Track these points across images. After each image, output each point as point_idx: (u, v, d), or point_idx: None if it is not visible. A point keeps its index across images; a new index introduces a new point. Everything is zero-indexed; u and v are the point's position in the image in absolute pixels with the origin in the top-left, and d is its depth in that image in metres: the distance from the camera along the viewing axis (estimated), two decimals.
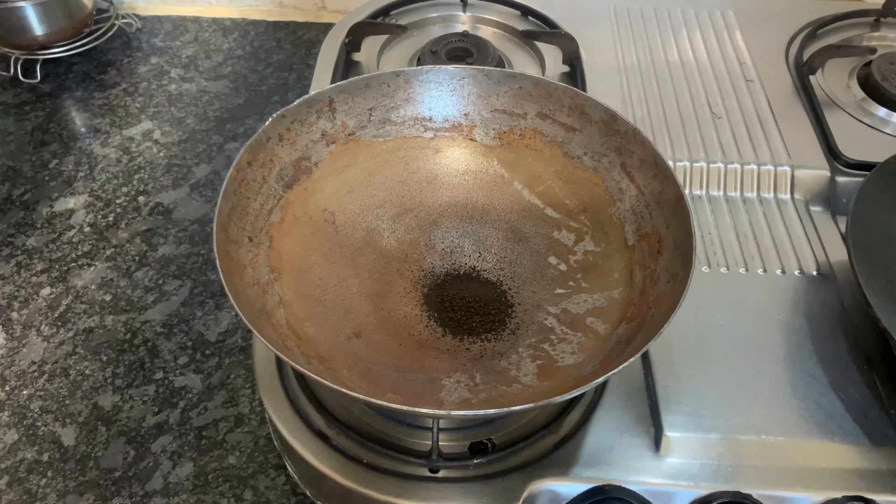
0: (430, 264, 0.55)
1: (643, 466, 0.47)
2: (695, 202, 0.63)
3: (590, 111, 0.55)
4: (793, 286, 0.56)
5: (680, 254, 0.47)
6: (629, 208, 0.53)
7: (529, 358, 0.49)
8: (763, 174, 0.64)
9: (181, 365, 0.65)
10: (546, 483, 0.46)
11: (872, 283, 0.48)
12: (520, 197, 0.58)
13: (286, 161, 0.53)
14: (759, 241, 0.60)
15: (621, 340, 0.47)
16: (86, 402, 0.63)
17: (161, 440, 0.60)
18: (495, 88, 0.57)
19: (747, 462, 0.47)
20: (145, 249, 0.74)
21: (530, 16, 0.81)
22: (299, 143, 0.54)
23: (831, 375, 0.51)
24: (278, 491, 0.57)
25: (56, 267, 0.72)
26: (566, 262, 0.54)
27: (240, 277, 0.46)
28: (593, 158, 0.55)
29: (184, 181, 0.81)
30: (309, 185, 0.54)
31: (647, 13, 0.81)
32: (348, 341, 0.49)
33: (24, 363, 0.65)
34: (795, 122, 0.69)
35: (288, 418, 0.50)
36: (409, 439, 0.49)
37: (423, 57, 0.74)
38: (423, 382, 0.48)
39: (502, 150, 0.58)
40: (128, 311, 0.69)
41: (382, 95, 0.56)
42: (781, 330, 0.54)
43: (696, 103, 0.70)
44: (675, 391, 0.50)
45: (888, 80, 0.71)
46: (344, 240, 0.55)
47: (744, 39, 0.78)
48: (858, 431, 0.48)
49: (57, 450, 0.60)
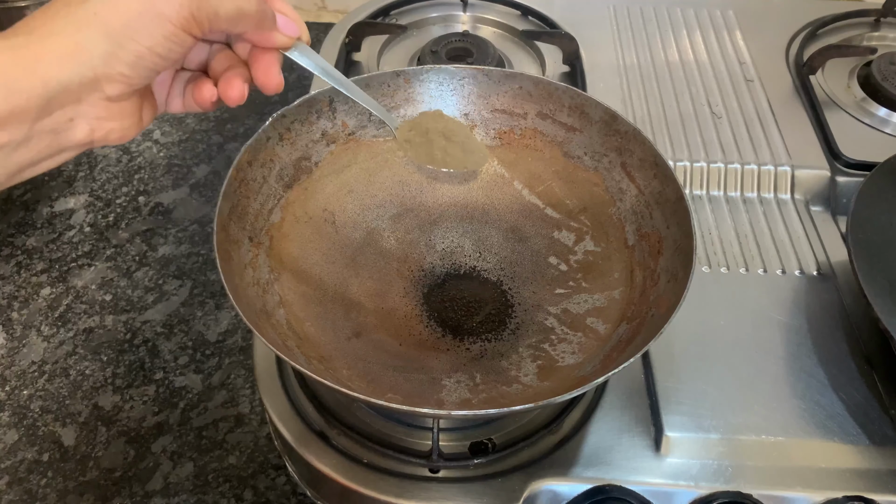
0: (430, 264, 0.55)
1: (643, 466, 0.47)
2: (695, 202, 0.63)
3: (590, 111, 0.55)
4: (793, 286, 0.56)
5: (680, 254, 0.47)
6: (629, 208, 0.53)
7: (530, 358, 0.49)
8: (763, 174, 0.64)
9: (181, 365, 0.65)
10: (546, 483, 0.46)
11: (872, 283, 0.48)
12: (520, 197, 0.58)
13: (286, 161, 0.53)
14: (759, 241, 0.60)
15: (621, 340, 0.47)
16: (86, 402, 0.63)
17: (161, 440, 0.60)
18: (495, 88, 0.57)
19: (747, 462, 0.47)
20: (145, 249, 0.74)
21: (530, 16, 0.81)
22: (299, 143, 0.54)
23: (831, 375, 0.51)
24: (278, 491, 0.57)
25: (56, 267, 0.72)
26: (566, 262, 0.54)
27: (240, 277, 0.46)
28: (593, 158, 0.55)
29: (184, 181, 0.81)
30: (309, 185, 0.54)
31: (647, 13, 0.81)
32: (348, 341, 0.49)
33: (24, 363, 0.65)
34: (795, 122, 0.69)
35: (288, 418, 0.50)
36: (409, 439, 0.49)
37: (423, 57, 0.74)
38: (423, 382, 0.48)
39: (502, 149, 0.58)
40: (128, 311, 0.69)
41: (382, 95, 0.56)
42: (781, 330, 0.54)
43: (696, 103, 0.70)
44: (675, 391, 0.50)
45: (888, 80, 0.71)
46: (344, 240, 0.55)
47: (744, 39, 0.78)
48: (858, 431, 0.48)
49: (57, 450, 0.60)
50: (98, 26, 0.30)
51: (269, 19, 0.38)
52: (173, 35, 0.32)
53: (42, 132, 0.32)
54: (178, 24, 0.32)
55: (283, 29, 0.39)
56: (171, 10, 0.32)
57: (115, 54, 0.31)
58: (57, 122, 0.32)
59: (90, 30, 0.30)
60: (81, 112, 0.33)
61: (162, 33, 0.32)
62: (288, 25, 0.39)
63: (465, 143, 0.50)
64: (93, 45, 0.30)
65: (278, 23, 0.38)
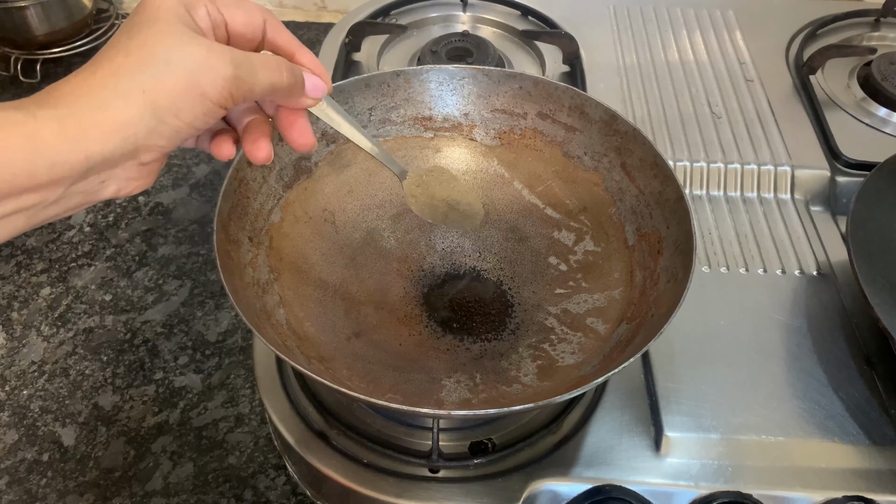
0: (430, 264, 0.55)
1: (643, 466, 0.47)
2: (695, 202, 0.63)
3: (590, 111, 0.55)
4: (793, 286, 0.56)
5: (680, 254, 0.47)
6: (629, 208, 0.53)
7: (530, 358, 0.49)
8: (763, 174, 0.64)
9: (181, 365, 0.65)
10: (546, 483, 0.46)
11: (872, 283, 0.48)
12: (520, 197, 0.58)
13: (286, 161, 0.53)
14: (759, 241, 0.60)
15: (621, 340, 0.47)
16: (86, 402, 0.63)
17: (161, 440, 0.60)
18: (495, 88, 0.57)
19: (747, 462, 0.47)
20: (145, 249, 0.74)
21: (530, 16, 0.81)
22: None
23: (831, 375, 0.51)
24: (278, 491, 0.57)
25: (56, 267, 0.72)
26: (566, 262, 0.54)
27: (240, 277, 0.46)
28: (593, 158, 0.55)
29: (184, 181, 0.81)
30: (309, 185, 0.54)
31: (647, 13, 0.81)
32: (348, 341, 0.49)
33: (24, 363, 0.65)
34: (795, 122, 0.69)
35: (288, 418, 0.50)
36: (409, 439, 0.49)
37: (423, 57, 0.74)
38: (423, 382, 0.48)
39: (502, 149, 0.58)
40: (128, 311, 0.69)
41: (382, 95, 0.56)
42: (781, 330, 0.54)
43: (696, 103, 0.70)
44: (675, 391, 0.50)
45: (888, 80, 0.71)
46: (344, 240, 0.55)
47: (744, 39, 0.78)
48: (858, 431, 0.48)
49: (57, 450, 0.60)
50: (146, 104, 0.31)
51: (299, 87, 0.38)
52: (211, 111, 0.34)
53: (75, 193, 0.33)
54: (217, 102, 0.33)
55: (311, 93, 0.39)
56: (213, 90, 0.33)
57: (158, 129, 0.32)
58: (90, 184, 0.33)
59: (138, 107, 0.31)
60: (114, 175, 0.34)
61: (202, 110, 0.33)
62: (316, 88, 0.39)
63: (466, 210, 0.52)
64: (139, 121, 0.31)
65: (307, 88, 0.39)
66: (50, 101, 0.30)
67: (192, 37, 0.33)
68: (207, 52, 0.33)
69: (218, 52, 0.33)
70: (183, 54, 0.32)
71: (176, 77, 0.32)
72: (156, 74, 0.31)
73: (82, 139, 0.30)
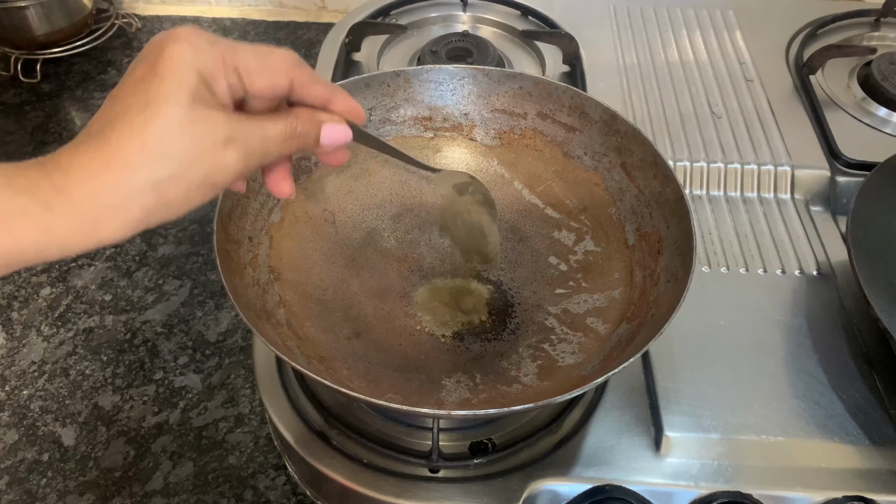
0: (430, 264, 0.55)
1: (643, 466, 0.47)
2: (695, 202, 0.63)
3: (590, 111, 0.55)
4: (793, 286, 0.56)
5: (680, 254, 0.47)
6: (629, 208, 0.53)
7: (530, 358, 0.49)
8: (763, 174, 0.64)
9: (181, 365, 0.65)
10: (546, 483, 0.46)
11: (872, 283, 0.48)
12: (520, 197, 0.58)
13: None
14: (759, 241, 0.60)
15: (621, 340, 0.47)
16: (86, 402, 0.63)
17: (161, 440, 0.60)
18: (495, 88, 0.57)
19: (747, 462, 0.47)
20: (145, 249, 0.74)
21: (530, 16, 0.81)
22: None
23: (831, 375, 0.51)
24: (278, 491, 0.57)
25: (56, 267, 0.72)
26: (566, 262, 0.54)
27: (240, 277, 0.46)
28: (593, 158, 0.55)
29: None
30: (309, 185, 0.54)
31: (647, 13, 0.81)
32: (348, 341, 0.49)
33: (24, 363, 0.65)
34: (795, 122, 0.69)
35: (288, 418, 0.50)
36: (409, 439, 0.49)
37: (423, 57, 0.74)
38: (423, 382, 0.48)
39: (502, 149, 0.58)
40: (128, 311, 0.69)
41: (382, 95, 0.56)
42: (781, 330, 0.54)
43: (696, 103, 0.70)
44: (675, 391, 0.50)
45: (888, 80, 0.71)
46: (344, 240, 0.55)
47: (744, 39, 0.78)
48: (858, 431, 0.48)
49: (57, 450, 0.60)
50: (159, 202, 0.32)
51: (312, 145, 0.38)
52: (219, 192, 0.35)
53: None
54: (226, 184, 0.34)
55: (326, 142, 0.38)
56: (223, 179, 0.33)
57: (167, 216, 0.33)
58: None
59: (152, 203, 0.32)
60: None
61: (211, 194, 0.34)
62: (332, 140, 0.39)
63: (486, 253, 0.54)
64: (152, 214, 0.32)
65: (322, 138, 0.38)
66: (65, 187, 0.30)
67: (205, 123, 0.32)
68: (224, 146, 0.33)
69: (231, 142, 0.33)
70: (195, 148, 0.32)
71: (190, 176, 0.32)
72: (170, 172, 0.31)
73: (96, 233, 0.31)
